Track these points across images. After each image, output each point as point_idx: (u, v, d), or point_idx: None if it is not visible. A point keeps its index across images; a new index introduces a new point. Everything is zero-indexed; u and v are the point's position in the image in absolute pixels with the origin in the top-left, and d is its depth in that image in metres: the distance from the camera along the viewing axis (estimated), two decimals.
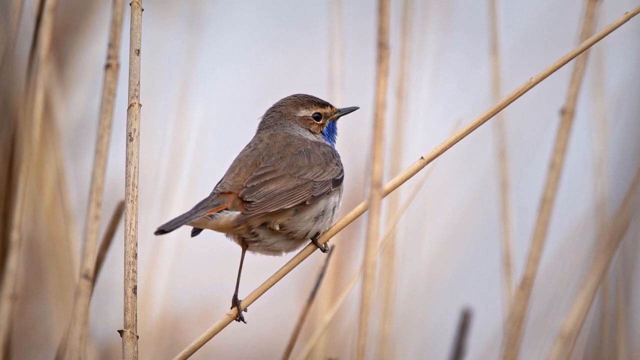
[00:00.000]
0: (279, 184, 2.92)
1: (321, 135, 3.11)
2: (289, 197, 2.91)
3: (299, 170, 2.96)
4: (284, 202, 2.90)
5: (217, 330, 2.85)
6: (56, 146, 3.89)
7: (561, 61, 2.83)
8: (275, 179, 2.93)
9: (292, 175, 2.95)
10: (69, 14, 4.63)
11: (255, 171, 2.95)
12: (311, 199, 2.92)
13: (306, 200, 2.92)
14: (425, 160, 2.87)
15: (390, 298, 3.46)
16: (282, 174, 2.94)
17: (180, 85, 4.33)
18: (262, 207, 2.88)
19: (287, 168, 2.96)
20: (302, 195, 2.92)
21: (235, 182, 2.93)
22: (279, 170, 2.95)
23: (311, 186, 2.94)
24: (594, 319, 3.14)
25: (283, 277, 2.91)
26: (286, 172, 2.95)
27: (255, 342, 4.96)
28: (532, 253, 2.60)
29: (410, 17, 3.62)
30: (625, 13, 2.81)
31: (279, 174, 2.94)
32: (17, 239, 2.59)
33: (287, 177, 2.94)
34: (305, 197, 2.92)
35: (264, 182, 2.92)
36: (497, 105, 2.86)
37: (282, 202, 2.90)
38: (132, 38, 2.85)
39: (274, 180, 2.93)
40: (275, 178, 2.93)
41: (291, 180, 2.93)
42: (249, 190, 2.91)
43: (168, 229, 2.79)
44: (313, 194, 2.93)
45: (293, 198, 2.91)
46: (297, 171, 2.96)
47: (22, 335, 4.42)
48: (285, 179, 2.93)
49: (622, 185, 2.89)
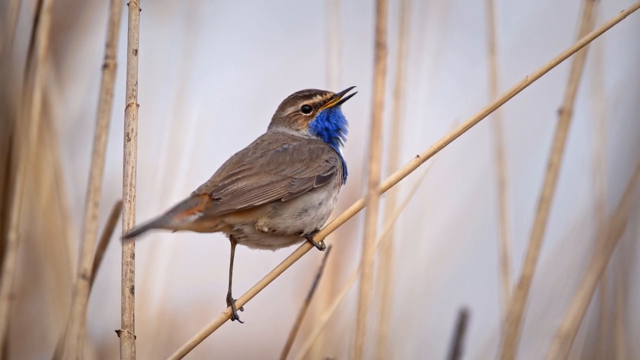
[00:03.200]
0: (251, 181, 2.86)
1: (307, 129, 3.06)
2: (260, 193, 2.85)
3: (277, 167, 2.90)
4: (254, 199, 2.85)
5: (213, 328, 2.85)
6: (53, 145, 3.89)
7: (557, 59, 2.83)
8: (248, 176, 2.87)
9: (268, 172, 2.89)
10: (66, 12, 4.63)
11: (232, 170, 2.92)
12: (288, 196, 2.88)
13: (281, 197, 2.88)
14: (421, 158, 2.87)
15: (388, 298, 3.46)
16: (257, 171, 2.88)
17: (178, 85, 4.32)
18: (228, 204, 2.83)
19: (265, 165, 2.90)
20: (276, 192, 2.87)
21: (212, 182, 2.89)
22: (254, 168, 2.89)
23: (289, 182, 2.89)
24: (592, 318, 3.14)
25: (278, 275, 2.90)
26: (262, 169, 2.89)
27: (253, 341, 4.96)
28: (529, 253, 2.60)
29: (407, 17, 3.62)
30: (622, 11, 2.81)
31: (253, 171, 2.89)
32: (14, 239, 2.59)
33: (261, 174, 2.88)
34: (281, 193, 2.87)
35: (235, 180, 2.86)
36: (492, 103, 2.86)
37: (252, 198, 2.84)
38: (130, 38, 2.85)
39: (246, 178, 2.87)
40: (249, 175, 2.88)
41: (265, 177, 2.88)
42: (219, 188, 2.86)
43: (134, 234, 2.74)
44: (290, 190, 2.88)
45: (265, 195, 2.85)
46: (275, 167, 2.89)
47: (19, 335, 4.42)
48: (259, 176, 2.87)
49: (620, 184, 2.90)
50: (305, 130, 3.04)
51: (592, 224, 3.56)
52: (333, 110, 3.07)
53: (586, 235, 3.61)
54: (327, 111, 3.07)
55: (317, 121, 3.06)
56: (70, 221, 3.93)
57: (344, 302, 3.10)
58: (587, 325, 3.12)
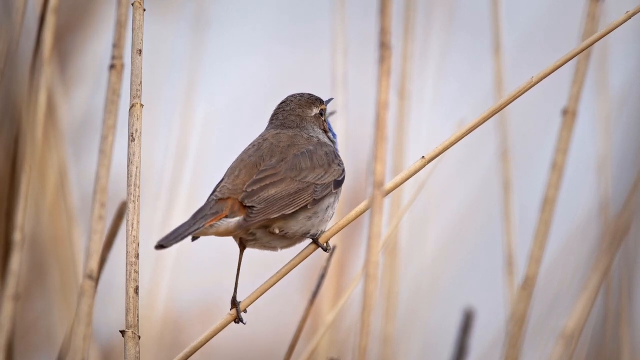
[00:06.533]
0: (280, 188, 2.88)
1: (329, 132, 3.09)
2: (290, 202, 2.87)
3: (300, 173, 2.91)
4: (285, 208, 2.86)
5: (218, 330, 2.85)
6: (59, 146, 3.89)
7: (562, 60, 2.82)
8: (275, 182, 2.88)
9: (293, 178, 2.90)
10: (71, 13, 4.64)
11: (255, 174, 2.91)
12: (313, 203, 2.90)
13: (308, 204, 2.89)
14: (427, 159, 2.87)
15: (393, 298, 3.46)
16: (283, 177, 2.89)
17: (184, 84, 4.33)
18: (264, 213, 2.84)
19: (289, 171, 2.91)
20: (304, 199, 2.88)
21: (235, 185, 2.88)
22: (280, 174, 2.90)
23: (313, 189, 2.91)
24: (597, 319, 3.14)
25: (283, 277, 2.90)
26: (287, 176, 2.90)
27: (258, 342, 4.96)
28: (534, 253, 2.60)
29: (412, 17, 3.62)
30: (626, 12, 2.81)
31: (280, 177, 2.89)
32: (19, 240, 2.59)
33: (288, 181, 2.89)
34: (308, 200, 2.88)
35: (264, 187, 2.87)
36: (498, 104, 2.86)
37: (284, 207, 2.86)
38: (134, 38, 2.85)
39: (274, 185, 2.88)
40: (276, 182, 2.88)
41: (292, 184, 2.89)
42: (249, 195, 2.86)
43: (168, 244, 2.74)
44: (315, 197, 2.90)
45: (294, 203, 2.87)
46: (298, 174, 2.91)
47: (24, 335, 4.43)
48: (286, 183, 2.89)
49: (624, 185, 2.90)
50: (329, 133, 3.07)
51: (597, 224, 3.56)
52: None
53: (591, 235, 3.61)
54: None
55: (328, 125, 3.10)
56: (76, 221, 3.93)
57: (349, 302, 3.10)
58: (592, 325, 3.12)
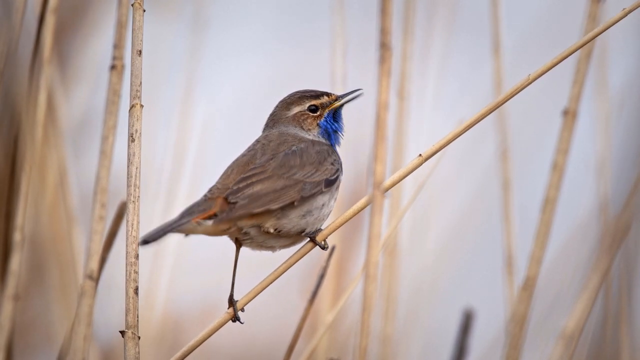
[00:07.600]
0: (266, 185, 2.87)
1: (317, 129, 3.06)
2: (275, 197, 2.86)
3: (289, 170, 2.91)
4: (270, 203, 2.86)
5: (216, 328, 2.85)
6: (58, 146, 3.89)
7: (559, 57, 2.82)
8: (262, 179, 2.88)
9: (280, 175, 2.90)
10: (70, 13, 4.63)
11: (244, 172, 2.92)
12: (300, 200, 2.89)
13: (294, 201, 2.88)
14: (424, 157, 2.87)
15: (393, 298, 3.46)
16: (270, 175, 2.89)
17: (183, 85, 4.33)
18: (246, 207, 2.84)
19: (277, 168, 2.91)
20: (290, 196, 2.87)
21: (224, 185, 2.89)
22: (267, 171, 2.90)
23: (301, 187, 2.90)
24: (597, 319, 3.14)
25: (280, 276, 2.90)
26: (275, 173, 2.90)
27: (257, 342, 4.96)
28: (534, 253, 2.60)
29: (412, 17, 3.62)
30: (623, 9, 2.81)
31: (267, 174, 2.90)
32: (19, 240, 2.59)
33: (275, 178, 2.89)
34: (294, 197, 2.88)
35: (250, 184, 2.87)
36: (495, 101, 2.85)
37: (268, 202, 2.85)
38: (134, 39, 2.85)
39: (260, 182, 2.88)
40: (263, 179, 2.89)
41: (279, 181, 2.89)
42: (234, 191, 2.86)
43: (151, 239, 2.75)
44: (303, 194, 2.89)
45: (280, 199, 2.87)
46: (287, 171, 2.91)
47: (23, 335, 4.43)
48: (272, 180, 2.89)
49: (624, 185, 2.90)
50: (315, 131, 3.05)
51: (597, 225, 3.56)
52: (338, 111, 3.08)
53: (591, 235, 3.61)
54: (333, 112, 3.07)
55: (326, 122, 3.07)
56: (75, 222, 3.93)
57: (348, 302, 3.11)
58: (592, 325, 3.12)
